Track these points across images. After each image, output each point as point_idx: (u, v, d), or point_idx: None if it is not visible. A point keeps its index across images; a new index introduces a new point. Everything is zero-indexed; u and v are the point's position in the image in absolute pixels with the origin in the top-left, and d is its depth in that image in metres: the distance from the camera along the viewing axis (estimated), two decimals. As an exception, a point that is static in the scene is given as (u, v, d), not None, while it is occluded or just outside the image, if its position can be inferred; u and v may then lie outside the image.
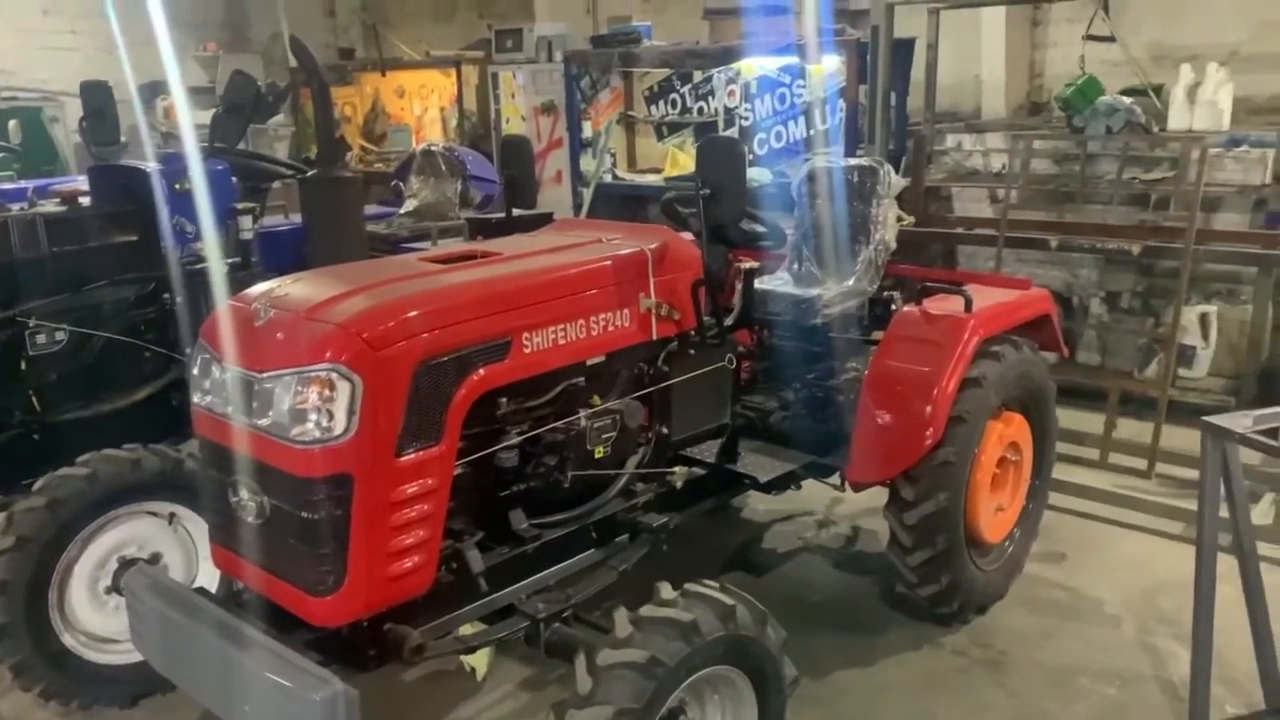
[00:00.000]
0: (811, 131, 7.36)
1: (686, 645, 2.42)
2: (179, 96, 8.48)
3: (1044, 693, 3.40)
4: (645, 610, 2.47)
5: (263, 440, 2.42)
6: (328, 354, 2.34)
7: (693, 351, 3.23)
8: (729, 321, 3.34)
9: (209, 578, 3.33)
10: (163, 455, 3.34)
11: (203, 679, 2.49)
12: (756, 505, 4.81)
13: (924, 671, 3.53)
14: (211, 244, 3.78)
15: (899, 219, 4.11)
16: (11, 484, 3.62)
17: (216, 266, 3.79)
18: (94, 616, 3.30)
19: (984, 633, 3.74)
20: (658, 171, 8.01)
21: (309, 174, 4.07)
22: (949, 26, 7.15)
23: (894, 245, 4.02)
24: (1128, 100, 6.34)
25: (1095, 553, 4.34)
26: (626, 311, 2.99)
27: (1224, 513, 2.92)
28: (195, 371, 2.63)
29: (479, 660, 3.48)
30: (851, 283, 3.93)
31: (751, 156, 7.75)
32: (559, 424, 2.89)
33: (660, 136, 8.32)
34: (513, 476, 2.85)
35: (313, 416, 2.32)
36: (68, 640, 3.23)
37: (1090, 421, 5.24)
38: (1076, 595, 4.00)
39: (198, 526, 3.41)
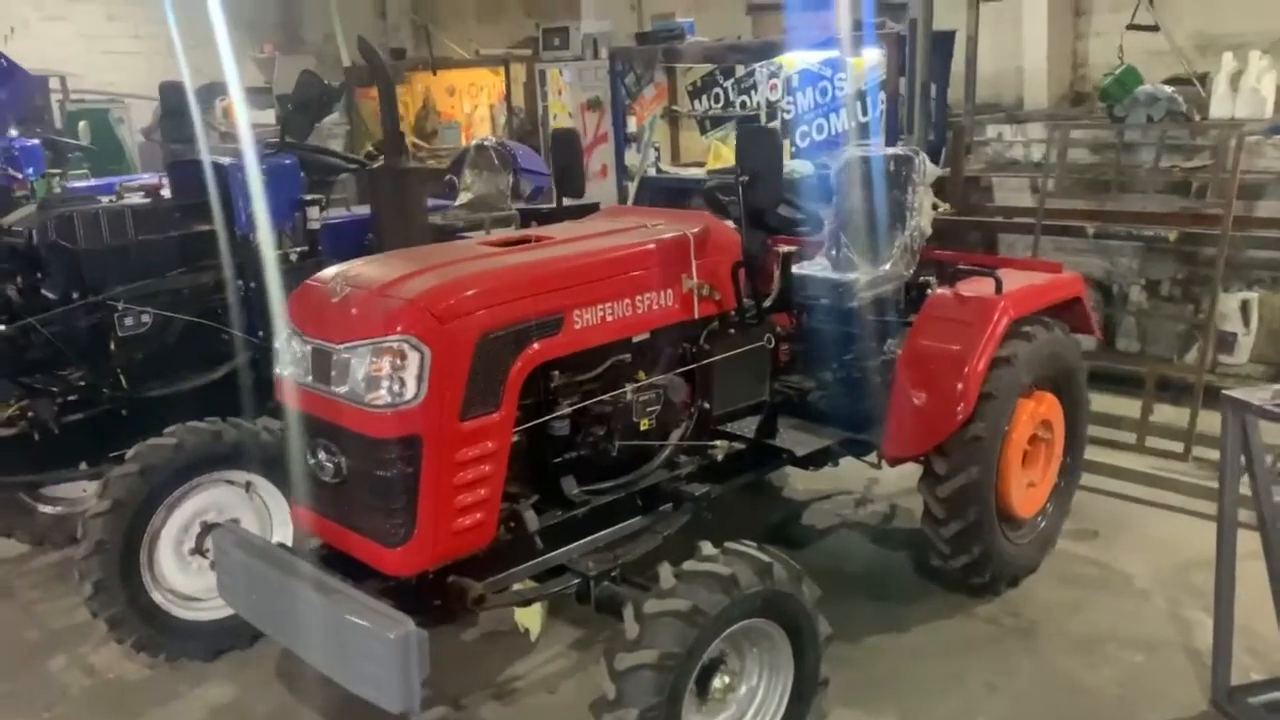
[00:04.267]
0: (852, 123, 7.49)
1: (726, 597, 2.61)
2: (237, 95, 8.84)
3: (1071, 659, 3.53)
4: (688, 565, 2.68)
5: (340, 406, 2.66)
6: (399, 326, 2.57)
7: (733, 331, 3.41)
8: (767, 303, 3.50)
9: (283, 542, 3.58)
10: (241, 428, 3.62)
11: (286, 623, 2.74)
12: (797, 484, 4.98)
13: (956, 638, 3.68)
14: (264, 233, 4.03)
15: (934, 206, 4.26)
16: (101, 456, 3.92)
17: (269, 254, 4.04)
18: (180, 576, 3.59)
19: (1015, 603, 3.88)
20: (701, 165, 8.17)
21: (376, 165, 4.31)
22: (991, 17, 7.21)
23: (929, 231, 4.16)
24: (1169, 89, 6.38)
25: (1128, 531, 4.45)
26: (670, 291, 3.17)
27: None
28: (278, 345, 2.88)
29: (533, 622, 3.70)
30: (887, 267, 4.07)
31: (794, 149, 7.91)
32: (607, 397, 3.09)
33: (703, 130, 8.48)
34: (564, 445, 3.05)
35: (385, 383, 2.55)
36: (157, 597, 3.51)
37: (1129, 407, 5.32)
38: (1108, 570, 4.12)
39: (272, 495, 3.69)
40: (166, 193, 4.33)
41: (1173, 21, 7.69)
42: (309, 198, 4.33)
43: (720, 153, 7.94)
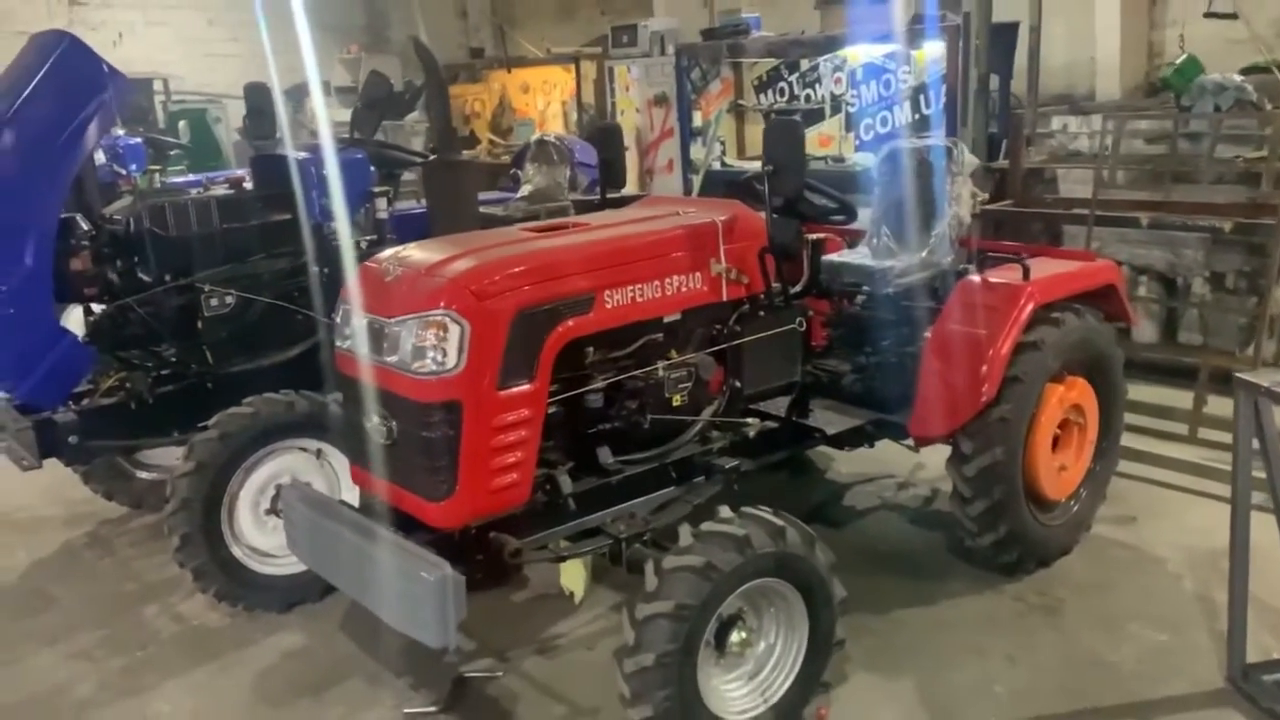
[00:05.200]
0: (914, 116, 7.56)
1: (740, 556, 2.81)
2: (317, 95, 9.43)
3: (1094, 636, 3.62)
4: (705, 526, 2.89)
5: (390, 374, 2.94)
6: (442, 302, 2.84)
7: (762, 314, 3.58)
8: (796, 289, 3.67)
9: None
10: (312, 400, 3.95)
11: (341, 568, 3.05)
12: (840, 467, 5.12)
13: (981, 613, 3.79)
14: (342, 222, 4.36)
15: (973, 195, 4.36)
16: (190, 424, 4.30)
17: (346, 241, 4.36)
18: (257, 534, 3.94)
19: (1044, 582, 3.97)
20: (765, 158, 8.30)
21: (430, 159, 4.62)
22: (1062, 6, 7.14)
23: (969, 220, 4.25)
24: (1238, 78, 6.30)
25: (1168, 518, 4.47)
26: (698, 275, 3.37)
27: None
28: (338, 320, 3.19)
29: (577, 585, 3.94)
30: (924, 255, 4.19)
31: (857, 141, 8.00)
32: (639, 373, 3.30)
33: (768, 124, 8.61)
34: (599, 417, 3.28)
35: (430, 353, 2.82)
36: (236, 551, 3.87)
37: (1185, 399, 5.30)
38: (1140, 554, 4.17)
39: (340, 461, 4.01)
40: (249, 185, 4.71)
41: (1253, 8, 7.54)
42: (378, 190, 4.65)
43: (783, 146, 8.04)
